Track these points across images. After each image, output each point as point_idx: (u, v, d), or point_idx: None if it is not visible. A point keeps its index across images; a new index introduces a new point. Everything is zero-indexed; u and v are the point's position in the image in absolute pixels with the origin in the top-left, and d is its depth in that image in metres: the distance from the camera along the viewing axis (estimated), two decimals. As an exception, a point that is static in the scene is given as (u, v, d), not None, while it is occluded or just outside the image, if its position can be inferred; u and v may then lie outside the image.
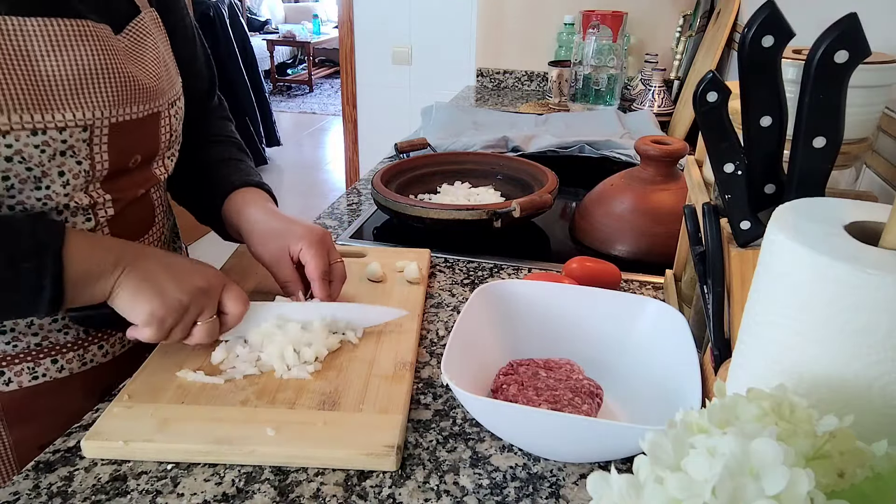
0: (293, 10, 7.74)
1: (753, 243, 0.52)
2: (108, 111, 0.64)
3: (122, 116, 0.66)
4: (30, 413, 0.69)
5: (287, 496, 0.53)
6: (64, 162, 0.62)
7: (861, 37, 0.41)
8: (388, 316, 0.73)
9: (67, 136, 0.61)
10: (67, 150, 0.61)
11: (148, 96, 0.69)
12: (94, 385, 0.71)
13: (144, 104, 0.68)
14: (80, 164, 0.63)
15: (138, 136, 0.69)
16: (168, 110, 0.73)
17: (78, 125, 0.62)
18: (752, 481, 0.26)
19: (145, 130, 0.70)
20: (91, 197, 0.66)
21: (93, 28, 0.63)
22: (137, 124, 0.68)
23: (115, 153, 0.66)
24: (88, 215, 0.67)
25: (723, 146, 0.50)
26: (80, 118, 0.62)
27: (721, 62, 1.59)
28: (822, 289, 0.34)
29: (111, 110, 0.64)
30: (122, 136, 0.66)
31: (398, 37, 2.79)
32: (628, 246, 0.97)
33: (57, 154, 0.61)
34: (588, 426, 0.53)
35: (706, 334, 0.60)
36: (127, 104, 0.66)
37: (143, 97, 0.68)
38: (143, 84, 0.68)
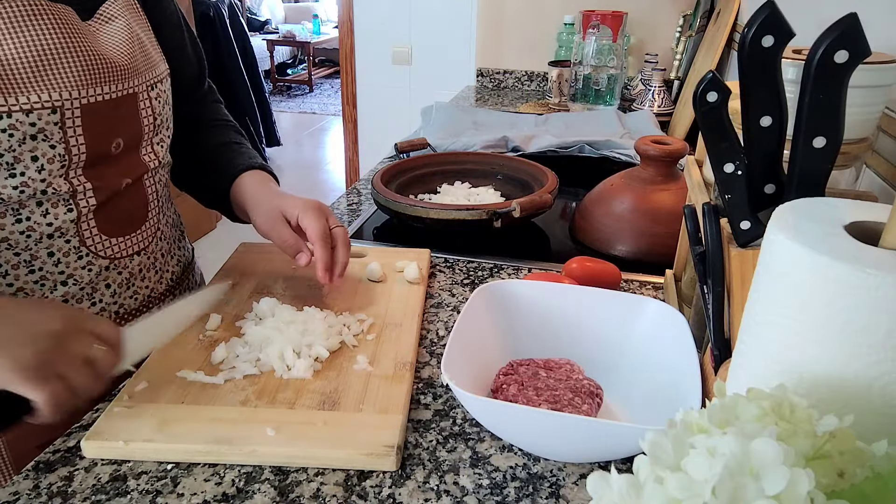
0: (293, 10, 7.74)
1: (753, 243, 0.52)
2: (77, 91, 0.63)
3: (93, 97, 0.64)
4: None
5: (287, 496, 0.53)
6: (36, 146, 0.61)
7: (861, 37, 0.41)
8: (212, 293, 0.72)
9: (35, 119, 0.60)
10: (38, 134, 0.60)
11: (120, 76, 0.68)
12: None
13: (116, 84, 0.67)
14: (53, 147, 0.62)
15: (115, 119, 0.68)
16: (147, 92, 0.72)
17: (45, 107, 0.60)
18: (752, 481, 0.26)
19: (122, 112, 0.69)
20: (71, 184, 0.65)
21: (48, 7, 0.62)
22: (112, 105, 0.67)
23: (91, 136, 0.65)
24: (70, 205, 0.66)
25: (723, 146, 0.50)
26: (47, 99, 0.60)
27: (721, 62, 1.59)
28: (822, 289, 0.34)
29: (79, 90, 0.63)
30: (96, 118, 0.65)
31: (398, 37, 2.79)
32: (628, 246, 0.97)
33: (27, 138, 0.60)
34: (588, 426, 0.53)
35: (706, 334, 0.60)
36: (97, 84, 0.65)
37: (115, 77, 0.67)
38: (114, 63, 0.67)
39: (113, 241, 0.72)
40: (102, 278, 0.72)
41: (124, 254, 0.74)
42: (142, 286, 0.77)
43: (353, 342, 0.71)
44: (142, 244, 0.76)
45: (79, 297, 0.70)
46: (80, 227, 0.68)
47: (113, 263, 0.72)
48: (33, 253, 0.65)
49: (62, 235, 0.67)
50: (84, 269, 0.70)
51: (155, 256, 0.79)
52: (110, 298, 0.73)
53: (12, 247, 0.64)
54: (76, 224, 0.67)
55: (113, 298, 0.73)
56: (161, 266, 0.81)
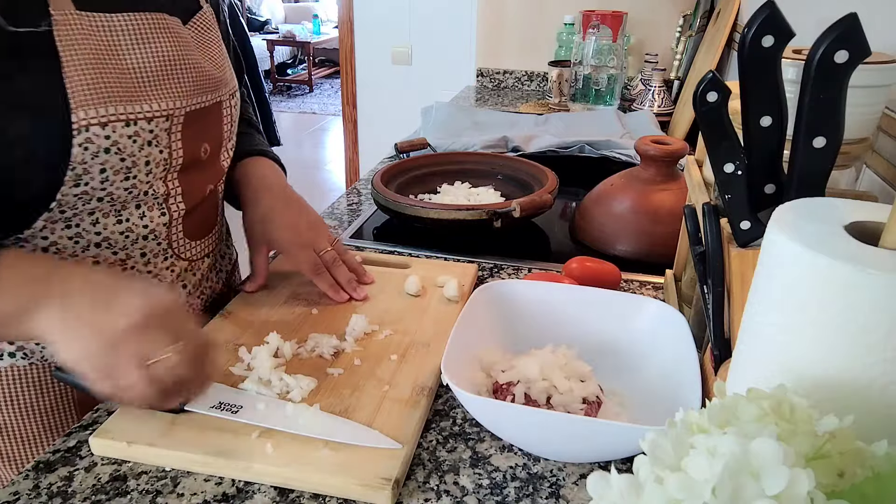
0: (293, 10, 7.74)
1: (753, 243, 0.52)
2: (185, 101, 0.66)
3: (194, 106, 0.68)
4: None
5: (287, 496, 0.53)
6: (150, 151, 0.64)
7: (861, 37, 0.41)
8: (376, 442, 0.57)
9: (154, 126, 0.63)
10: (153, 140, 0.63)
11: (214, 85, 0.71)
12: None
13: (211, 93, 0.71)
14: (161, 152, 0.65)
15: (206, 125, 0.71)
16: (229, 100, 0.75)
17: (162, 115, 0.64)
18: (752, 481, 0.26)
19: (211, 119, 0.72)
20: (167, 187, 0.68)
21: (168, 21, 0.66)
22: (205, 113, 0.70)
23: (187, 142, 0.68)
24: (163, 209, 0.69)
25: (723, 146, 0.50)
26: (164, 108, 0.64)
27: (721, 62, 1.59)
28: (822, 289, 0.34)
29: (187, 100, 0.67)
30: (193, 124, 0.68)
31: (398, 37, 2.79)
32: (628, 246, 0.97)
33: (145, 144, 0.63)
34: (588, 426, 0.53)
35: (706, 334, 0.60)
36: (199, 94, 0.69)
37: (211, 86, 0.71)
38: (210, 74, 0.71)
39: (193, 244, 0.75)
40: (181, 279, 0.75)
41: (198, 255, 0.77)
42: (207, 287, 0.80)
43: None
44: (211, 246, 0.79)
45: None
46: (171, 230, 0.71)
47: (190, 265, 0.75)
48: (129, 252, 0.68)
49: (155, 238, 0.69)
50: (167, 270, 0.72)
51: (216, 258, 0.82)
52: (184, 298, 0.76)
53: (112, 246, 0.66)
54: (167, 227, 0.70)
55: (187, 299, 0.76)
56: (221, 266, 0.85)
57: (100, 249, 0.65)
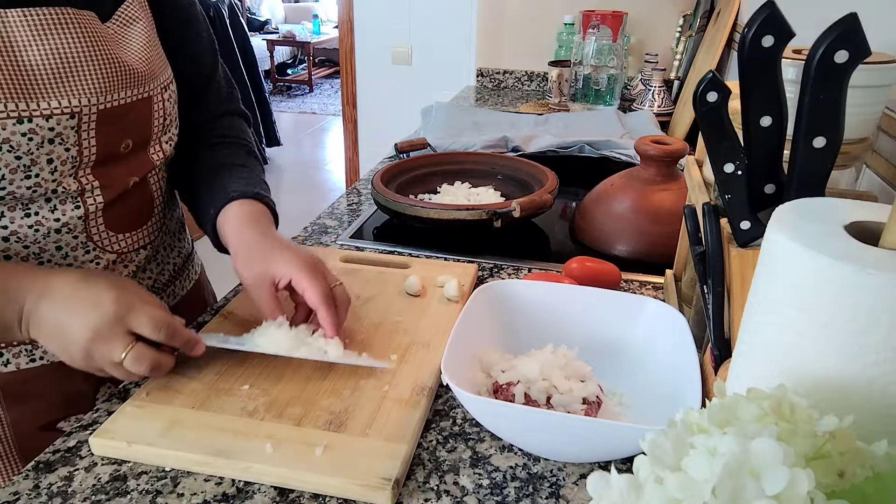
0: (293, 10, 7.74)
1: (753, 243, 0.52)
2: (96, 97, 0.64)
3: (110, 102, 0.65)
4: (28, 394, 0.70)
5: (287, 496, 0.53)
6: (52, 149, 0.62)
7: (861, 37, 0.41)
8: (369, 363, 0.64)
9: (55, 124, 0.61)
10: (55, 138, 0.62)
11: (138, 81, 0.68)
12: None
13: (134, 89, 0.68)
14: (67, 150, 0.63)
15: (129, 122, 0.69)
16: (161, 94, 0.72)
17: (64, 112, 0.62)
18: (752, 481, 0.26)
19: (136, 115, 0.69)
20: (80, 183, 0.66)
21: (74, 15, 0.63)
22: (127, 109, 0.68)
23: (103, 138, 0.66)
24: (77, 203, 0.67)
25: (723, 146, 0.50)
26: (67, 105, 0.62)
27: (721, 62, 1.59)
28: (822, 289, 0.34)
29: (98, 97, 0.64)
30: (110, 121, 0.66)
31: (398, 37, 2.79)
32: (628, 246, 0.97)
33: (45, 142, 0.61)
34: (588, 426, 0.53)
35: (706, 334, 0.60)
36: (115, 90, 0.66)
37: (133, 82, 0.68)
38: (134, 69, 0.68)
39: (120, 236, 0.73)
40: (109, 271, 0.72)
41: (130, 248, 0.74)
42: (144, 278, 0.78)
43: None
44: (147, 239, 0.77)
45: None
46: (88, 223, 0.68)
47: (120, 258, 0.73)
48: (42, 246, 0.66)
49: (70, 231, 0.67)
50: (91, 263, 0.70)
51: (158, 250, 0.80)
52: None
53: (21, 240, 0.65)
54: (84, 221, 0.68)
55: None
56: (163, 258, 0.82)
57: (8, 244, 0.64)
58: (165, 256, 0.83)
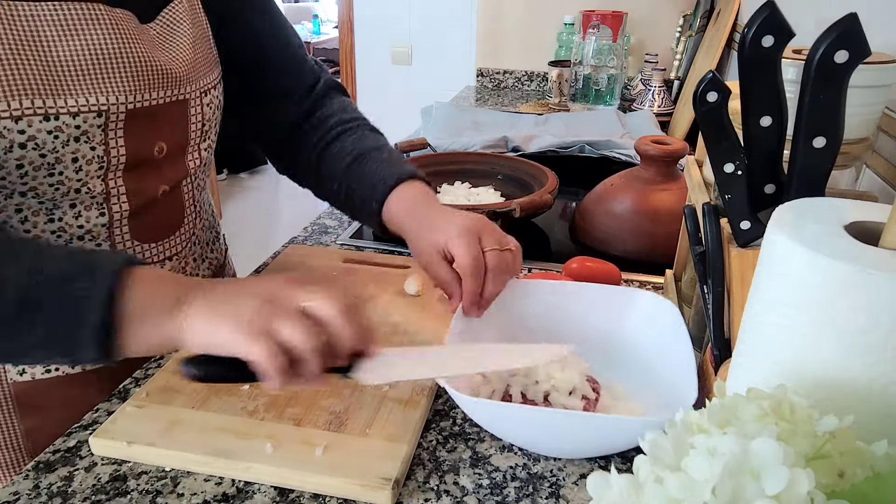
0: (293, 10, 7.73)
1: (753, 243, 0.52)
2: (125, 97, 0.63)
3: (140, 103, 0.64)
4: (42, 404, 0.69)
5: (287, 496, 0.53)
6: (78, 148, 0.61)
7: (861, 37, 0.41)
8: (547, 355, 0.56)
9: (81, 122, 0.60)
10: (81, 136, 0.60)
11: (172, 83, 0.67)
12: (105, 381, 0.70)
13: (167, 90, 0.67)
14: (94, 149, 0.62)
15: (161, 124, 0.67)
16: (200, 98, 0.71)
17: (91, 110, 0.60)
18: (752, 481, 0.26)
19: (170, 118, 0.68)
20: (106, 185, 0.64)
21: (106, 12, 0.62)
22: (158, 110, 0.66)
23: (132, 140, 0.65)
24: (102, 209, 0.65)
25: (723, 146, 0.50)
26: (94, 103, 0.61)
27: (721, 62, 1.59)
28: (822, 289, 0.34)
29: (127, 96, 0.63)
30: (140, 122, 0.65)
31: (398, 37, 2.79)
32: (628, 246, 0.97)
33: (71, 140, 0.60)
34: (588, 421, 0.53)
35: (706, 334, 0.60)
36: (146, 90, 0.64)
37: (167, 83, 0.66)
38: (168, 70, 0.66)
39: (145, 246, 0.71)
40: None
41: (155, 259, 0.72)
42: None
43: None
44: (174, 250, 0.75)
45: None
46: (112, 231, 0.67)
47: None
48: None
49: (93, 239, 0.66)
50: None
51: (186, 261, 0.78)
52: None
53: None
54: (108, 228, 0.66)
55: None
56: (191, 271, 0.79)
57: None
58: (195, 268, 0.80)
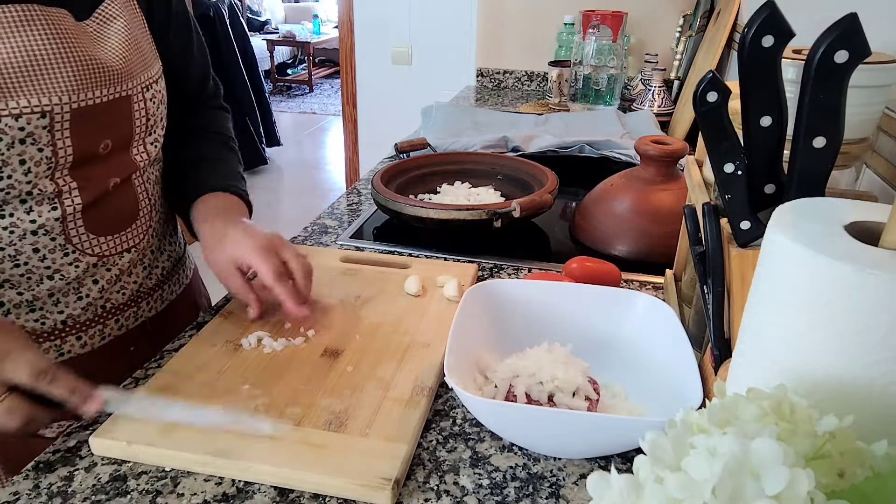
0: (293, 10, 7.74)
1: (753, 243, 0.52)
2: (68, 96, 0.62)
3: (84, 101, 0.64)
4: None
5: (287, 496, 0.53)
6: (24, 150, 0.61)
7: (861, 37, 0.41)
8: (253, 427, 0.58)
9: (24, 124, 0.60)
10: (27, 138, 0.60)
11: (114, 79, 0.67)
12: (112, 362, 0.74)
13: (109, 87, 0.67)
14: (41, 151, 0.62)
15: (105, 121, 0.68)
16: (142, 94, 0.71)
17: (35, 112, 0.60)
18: (752, 481, 0.26)
19: (114, 115, 0.68)
20: (57, 184, 0.65)
21: (42, 12, 0.61)
22: (103, 109, 0.67)
23: (79, 139, 0.65)
24: (54, 204, 0.65)
25: (723, 146, 0.50)
26: (37, 104, 0.60)
27: (721, 62, 1.59)
28: (822, 289, 0.34)
29: (70, 95, 0.63)
30: (85, 121, 0.65)
31: (398, 37, 2.79)
32: (628, 246, 0.97)
33: (16, 142, 0.60)
34: (594, 422, 0.54)
35: (706, 334, 0.60)
36: (89, 88, 0.64)
37: (108, 80, 0.66)
38: (109, 67, 0.66)
39: (101, 239, 0.71)
40: (90, 274, 0.71)
41: (113, 251, 0.73)
42: (129, 281, 0.77)
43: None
44: (132, 241, 0.76)
45: (65, 292, 0.70)
46: (66, 225, 0.67)
47: (101, 261, 0.72)
48: (18, 248, 0.65)
49: (47, 233, 0.66)
50: (71, 266, 0.69)
51: (144, 253, 0.79)
52: (97, 294, 0.73)
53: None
54: (61, 223, 0.67)
55: (100, 294, 0.73)
56: (150, 262, 0.81)
57: None
58: (154, 260, 0.81)
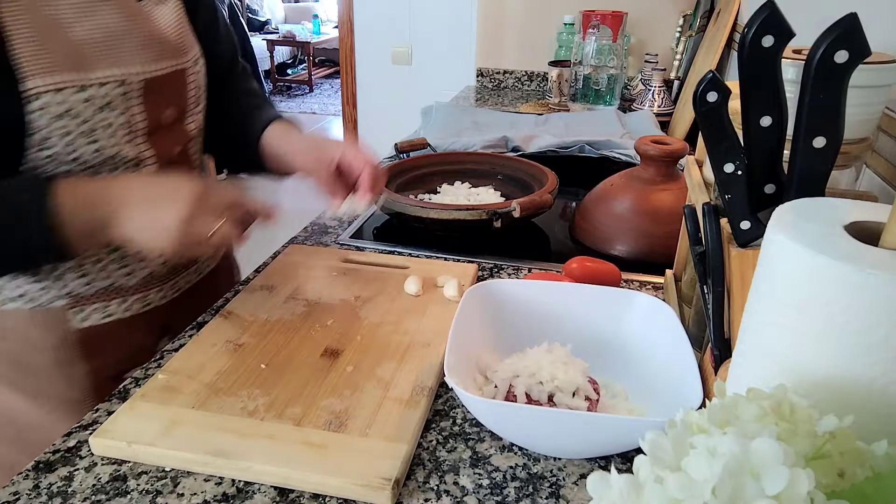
0: (293, 10, 7.74)
1: (753, 243, 0.52)
2: (139, 67, 0.71)
3: (151, 73, 0.73)
4: (101, 346, 0.78)
5: (287, 496, 0.53)
6: (106, 116, 0.69)
7: (861, 37, 0.41)
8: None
9: (107, 91, 0.68)
10: (107, 105, 0.68)
11: (172, 53, 0.76)
12: (153, 324, 0.81)
13: (170, 60, 0.75)
14: (121, 115, 0.70)
15: (168, 92, 0.76)
16: (193, 67, 0.80)
17: (113, 81, 0.68)
18: (752, 481, 0.26)
19: (174, 86, 0.77)
20: (137, 150, 0.73)
21: None
22: (166, 79, 0.75)
23: (149, 107, 0.73)
24: (135, 171, 0.73)
25: (723, 146, 0.50)
26: (114, 75, 0.69)
27: (721, 62, 1.59)
28: (822, 289, 0.34)
29: (140, 67, 0.71)
30: (153, 91, 0.73)
31: (398, 37, 2.79)
32: (628, 246, 0.97)
33: (100, 108, 0.68)
34: (595, 422, 0.54)
35: (706, 334, 0.60)
36: (154, 61, 0.73)
37: (168, 54, 0.75)
38: (168, 42, 0.75)
39: None
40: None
41: None
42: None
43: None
44: None
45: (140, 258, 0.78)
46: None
47: None
48: None
49: None
50: None
51: None
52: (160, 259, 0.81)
53: None
54: None
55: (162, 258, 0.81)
56: None
57: None
58: None
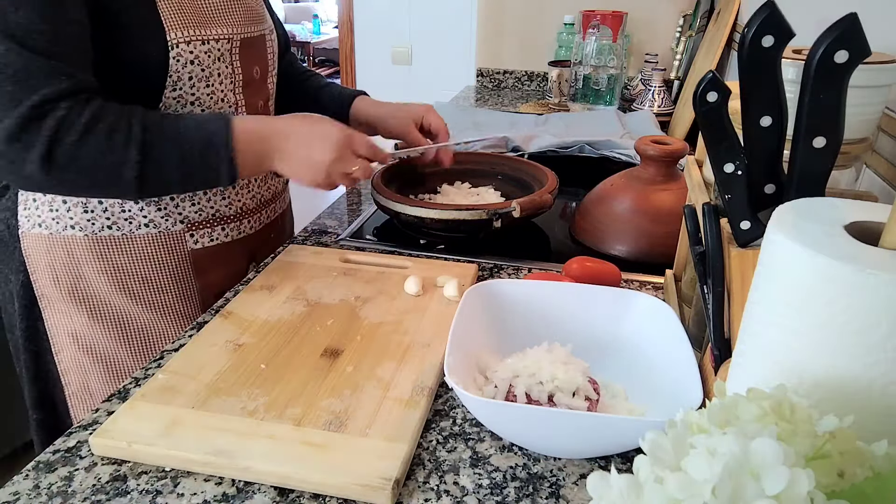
0: (293, 10, 7.74)
1: (753, 243, 0.52)
2: (239, 28, 0.89)
3: (246, 34, 0.90)
4: (208, 266, 0.93)
5: (287, 496, 0.53)
6: (219, 66, 0.86)
7: (861, 37, 0.41)
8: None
9: (221, 46, 0.85)
10: (219, 58, 0.86)
11: (258, 20, 0.93)
12: (245, 250, 0.98)
13: (257, 25, 0.93)
14: (226, 67, 0.87)
15: (256, 52, 0.93)
16: (269, 35, 0.97)
17: (223, 38, 0.86)
18: (752, 481, 0.26)
19: (260, 48, 0.94)
20: (236, 97, 0.90)
21: None
22: (256, 41, 0.92)
23: (244, 63, 0.90)
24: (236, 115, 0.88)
25: (723, 146, 0.50)
26: (225, 33, 0.86)
27: (721, 62, 1.59)
28: (822, 289, 0.34)
29: (240, 28, 0.89)
30: (247, 49, 0.90)
31: (398, 37, 2.79)
32: (628, 246, 0.97)
33: (216, 59, 0.85)
34: (596, 422, 0.54)
35: (706, 334, 0.60)
36: (248, 25, 0.90)
37: (256, 20, 0.92)
38: (256, 11, 0.93)
39: None
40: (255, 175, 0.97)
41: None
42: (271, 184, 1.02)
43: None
44: None
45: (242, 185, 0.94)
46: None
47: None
48: None
49: None
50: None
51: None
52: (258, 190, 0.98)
53: None
54: None
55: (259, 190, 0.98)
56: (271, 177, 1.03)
57: None
58: (272, 176, 1.03)
